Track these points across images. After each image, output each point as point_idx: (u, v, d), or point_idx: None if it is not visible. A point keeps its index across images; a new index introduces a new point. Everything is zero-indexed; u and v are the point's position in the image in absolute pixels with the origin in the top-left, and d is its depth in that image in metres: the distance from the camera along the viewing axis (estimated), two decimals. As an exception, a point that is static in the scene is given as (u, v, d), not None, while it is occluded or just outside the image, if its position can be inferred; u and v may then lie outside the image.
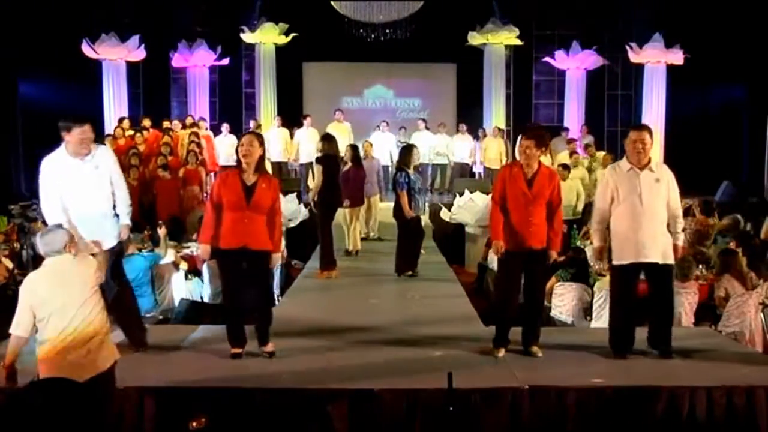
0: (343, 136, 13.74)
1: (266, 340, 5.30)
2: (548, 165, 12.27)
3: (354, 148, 10.09)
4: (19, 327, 3.84)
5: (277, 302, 7.26)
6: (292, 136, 14.72)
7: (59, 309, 3.77)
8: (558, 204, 5.33)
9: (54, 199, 5.11)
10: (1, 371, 3.81)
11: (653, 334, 5.36)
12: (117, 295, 5.26)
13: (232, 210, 5.14)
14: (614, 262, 5.32)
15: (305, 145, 14.08)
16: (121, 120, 14.00)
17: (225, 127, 14.85)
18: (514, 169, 5.34)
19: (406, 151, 8.91)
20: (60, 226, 4.16)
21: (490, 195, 5.74)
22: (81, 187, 5.08)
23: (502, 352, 5.34)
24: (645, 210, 5.16)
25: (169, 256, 7.86)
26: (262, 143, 5.30)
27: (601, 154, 13.64)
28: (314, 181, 8.61)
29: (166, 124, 13.99)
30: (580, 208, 11.41)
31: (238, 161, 5.23)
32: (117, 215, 5.31)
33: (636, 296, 5.43)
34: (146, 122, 13.70)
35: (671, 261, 5.28)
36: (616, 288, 5.44)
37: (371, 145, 11.68)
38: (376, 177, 10.90)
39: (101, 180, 5.16)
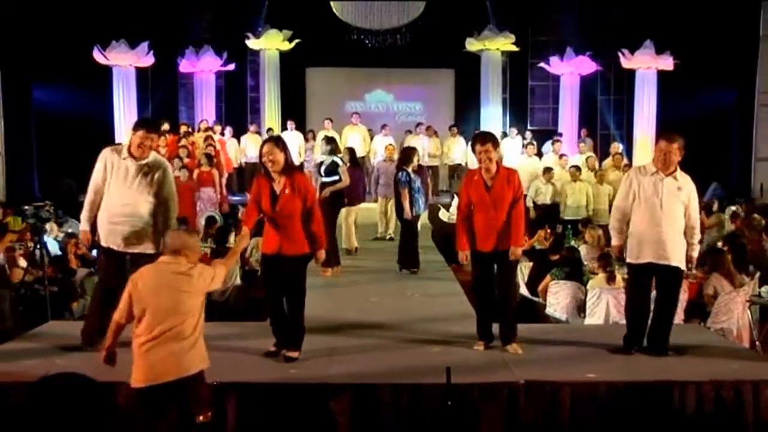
0: (360, 139, 14.11)
1: (290, 345, 5.20)
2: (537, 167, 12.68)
3: (351, 150, 10.33)
4: (117, 313, 3.94)
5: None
6: (305, 139, 15.10)
7: (153, 309, 3.84)
8: (518, 200, 5.37)
9: (92, 187, 5.30)
10: (102, 352, 3.96)
11: (652, 333, 5.40)
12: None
13: (267, 216, 5.19)
14: (630, 261, 5.40)
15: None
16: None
17: (228, 131, 15.19)
18: (475, 177, 5.42)
19: (408, 152, 9.25)
20: (193, 231, 4.16)
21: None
22: (125, 187, 5.22)
23: (481, 346, 5.43)
24: (664, 213, 5.23)
25: None
26: (283, 147, 5.17)
27: (586, 154, 14.04)
28: (341, 180, 8.82)
29: (183, 128, 14.24)
30: (590, 210, 11.69)
31: (266, 169, 5.17)
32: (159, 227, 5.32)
33: (649, 294, 5.52)
34: (165, 126, 13.86)
35: (683, 265, 5.35)
36: (631, 286, 5.55)
37: (394, 148, 11.84)
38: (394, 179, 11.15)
39: (147, 187, 5.25)
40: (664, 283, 5.40)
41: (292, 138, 15.00)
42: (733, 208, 11.01)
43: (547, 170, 12.55)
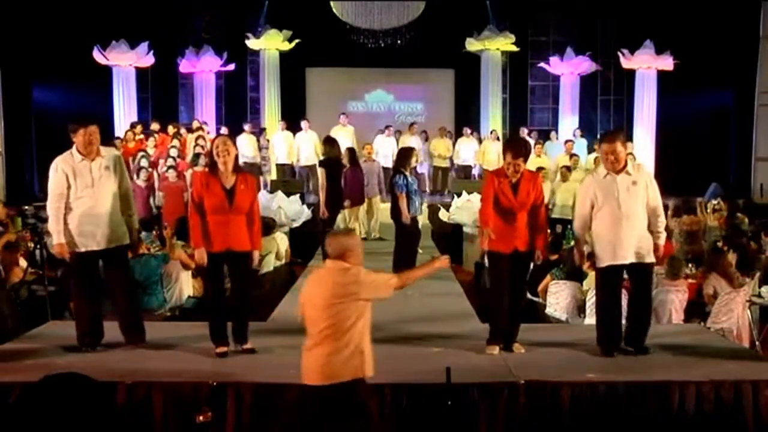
0: (347, 139, 14.10)
1: (245, 339, 5.32)
2: (543, 166, 12.73)
3: (352, 151, 10.39)
4: (297, 310, 4.04)
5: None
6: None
7: (311, 311, 3.89)
8: (540, 203, 5.44)
9: (56, 199, 5.23)
10: None
11: (630, 331, 5.42)
12: (116, 293, 5.49)
13: (214, 213, 5.15)
14: (598, 266, 5.39)
15: (304, 148, 14.45)
16: (133, 125, 14.40)
17: (224, 131, 15.22)
18: (501, 179, 5.42)
19: (404, 153, 9.24)
20: (351, 231, 4.20)
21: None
22: (90, 187, 5.21)
23: (495, 350, 5.38)
24: (624, 213, 5.20)
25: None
26: (234, 143, 5.34)
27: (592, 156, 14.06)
28: (318, 183, 8.95)
29: (171, 129, 14.16)
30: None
31: (213, 164, 5.21)
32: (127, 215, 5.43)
33: (620, 296, 5.48)
34: (155, 126, 13.91)
35: (652, 260, 5.35)
36: (601, 290, 5.52)
37: (372, 147, 11.91)
38: (376, 179, 11.06)
39: (110, 181, 5.28)
40: (637, 280, 5.41)
41: (283, 138, 14.99)
42: (714, 202, 11.05)
43: (539, 170, 12.55)
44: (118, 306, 5.54)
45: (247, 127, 14.90)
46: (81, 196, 5.22)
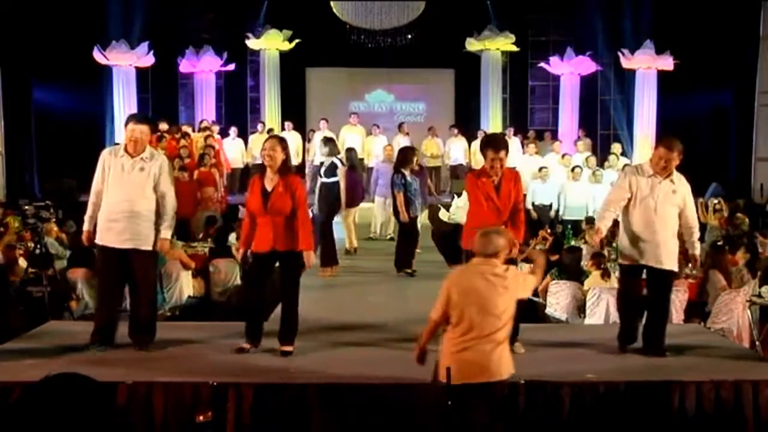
0: (357, 138, 14.18)
1: (287, 340, 5.34)
2: (545, 165, 12.71)
3: (352, 152, 10.34)
4: (434, 312, 4.00)
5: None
6: (306, 139, 15.12)
7: (470, 311, 3.85)
8: (519, 201, 5.48)
9: (92, 187, 5.34)
10: (415, 351, 4.11)
11: (648, 335, 5.44)
12: (132, 295, 5.47)
13: (257, 215, 5.29)
14: (622, 262, 5.47)
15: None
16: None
17: (233, 131, 15.24)
18: (482, 179, 5.40)
19: (404, 153, 9.21)
20: (499, 231, 4.19)
21: (466, 200, 5.70)
22: (121, 183, 5.23)
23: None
24: (658, 217, 5.25)
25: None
26: (285, 147, 5.32)
27: (585, 154, 14.06)
28: (341, 182, 8.83)
29: (185, 128, 14.27)
30: (590, 210, 11.56)
31: (263, 165, 5.35)
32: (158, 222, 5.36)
33: (641, 294, 5.54)
34: (163, 126, 13.90)
35: (675, 267, 5.41)
36: (623, 286, 5.57)
37: (393, 148, 11.85)
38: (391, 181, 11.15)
39: (143, 182, 5.25)
40: (656, 285, 5.43)
41: (291, 139, 14.99)
42: (715, 201, 11.09)
43: (541, 168, 12.58)
44: (132, 307, 5.52)
45: (259, 127, 14.97)
46: (110, 190, 5.27)
